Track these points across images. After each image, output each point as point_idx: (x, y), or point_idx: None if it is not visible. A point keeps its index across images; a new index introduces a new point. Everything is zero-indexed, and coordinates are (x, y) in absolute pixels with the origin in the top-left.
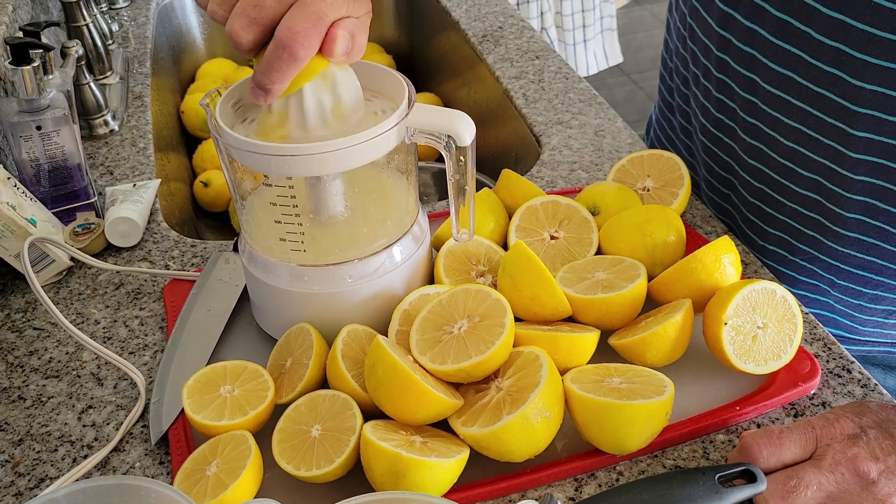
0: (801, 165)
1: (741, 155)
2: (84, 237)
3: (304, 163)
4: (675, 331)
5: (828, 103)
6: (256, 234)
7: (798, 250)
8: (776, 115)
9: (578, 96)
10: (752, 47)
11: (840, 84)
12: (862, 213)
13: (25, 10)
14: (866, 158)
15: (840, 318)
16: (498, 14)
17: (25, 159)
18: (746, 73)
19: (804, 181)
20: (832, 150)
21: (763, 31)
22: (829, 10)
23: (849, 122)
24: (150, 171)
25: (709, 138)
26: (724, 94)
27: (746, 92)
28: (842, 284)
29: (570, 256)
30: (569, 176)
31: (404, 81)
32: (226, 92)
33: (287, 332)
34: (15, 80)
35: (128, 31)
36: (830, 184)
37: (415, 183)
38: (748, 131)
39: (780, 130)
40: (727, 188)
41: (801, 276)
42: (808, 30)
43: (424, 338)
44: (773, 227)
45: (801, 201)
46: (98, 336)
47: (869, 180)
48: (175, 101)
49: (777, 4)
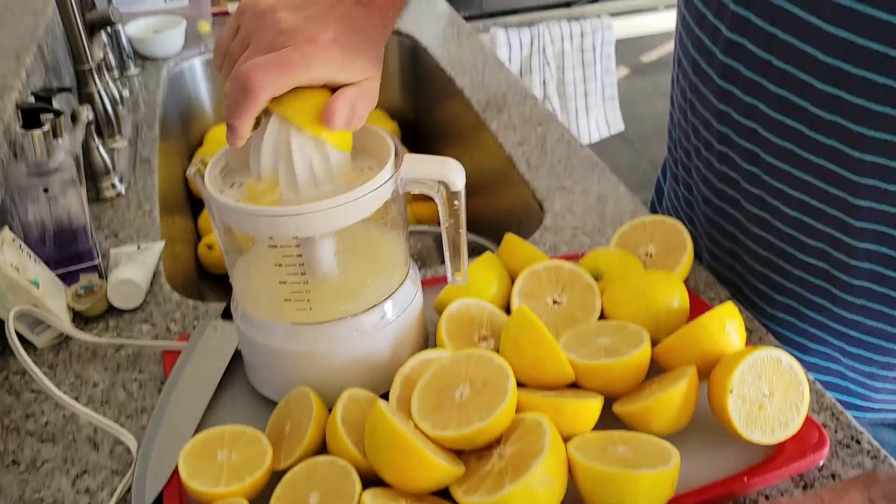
0: (806, 234)
1: (746, 225)
2: (86, 299)
3: (297, 223)
4: (680, 398)
5: (829, 174)
6: (255, 296)
7: (807, 318)
8: (779, 186)
9: (581, 163)
10: (752, 121)
11: (840, 155)
12: (868, 281)
13: (39, 76)
14: (870, 227)
15: (852, 385)
16: (501, 82)
17: (31, 221)
18: (748, 145)
19: (810, 249)
20: (836, 218)
21: (762, 106)
22: (825, 86)
23: (850, 192)
24: (154, 233)
25: (712, 209)
26: (726, 166)
27: (749, 163)
28: (852, 352)
29: (573, 321)
30: (572, 241)
31: (387, 137)
32: (212, 160)
33: (287, 396)
34: (25, 143)
35: (138, 96)
36: (836, 252)
37: (405, 237)
38: (752, 201)
39: (783, 200)
40: (731, 258)
41: (812, 344)
42: (805, 104)
43: (426, 403)
44: (782, 295)
45: (808, 269)
46: (96, 399)
47: (874, 248)
48: (182, 164)
49: (774, 80)
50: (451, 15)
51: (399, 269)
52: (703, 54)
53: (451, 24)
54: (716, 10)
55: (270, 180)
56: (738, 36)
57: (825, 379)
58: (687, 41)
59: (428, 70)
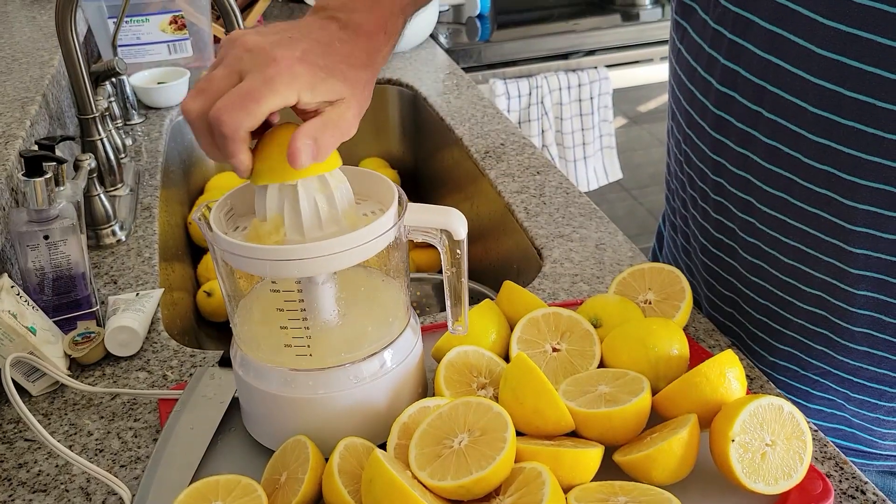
0: (804, 282)
1: (743, 273)
2: (83, 346)
3: (307, 262)
4: (681, 447)
5: (823, 222)
6: (255, 341)
7: (809, 365)
8: (775, 235)
9: (579, 210)
10: (745, 171)
11: (833, 204)
12: (868, 328)
13: (43, 125)
14: (866, 274)
15: (858, 432)
16: (500, 132)
17: (31, 268)
18: (742, 195)
19: (808, 297)
20: (832, 266)
21: (754, 157)
22: (816, 137)
23: (845, 240)
24: (154, 280)
25: (709, 257)
26: (722, 216)
27: (744, 213)
28: (857, 398)
29: (573, 369)
30: (570, 288)
31: (392, 184)
32: (217, 202)
33: (283, 446)
34: (27, 190)
35: (141, 145)
36: (834, 299)
37: (406, 284)
38: (748, 250)
39: (779, 249)
40: (730, 306)
41: (815, 391)
42: (797, 154)
43: (424, 452)
44: (782, 343)
45: (807, 317)
46: (90, 448)
47: (871, 295)
48: (183, 212)
49: (765, 132)
50: (450, 66)
51: (400, 317)
52: (696, 107)
53: (451, 74)
54: (706, 64)
55: (275, 221)
56: (728, 89)
57: (830, 426)
58: (679, 95)
59: (428, 119)
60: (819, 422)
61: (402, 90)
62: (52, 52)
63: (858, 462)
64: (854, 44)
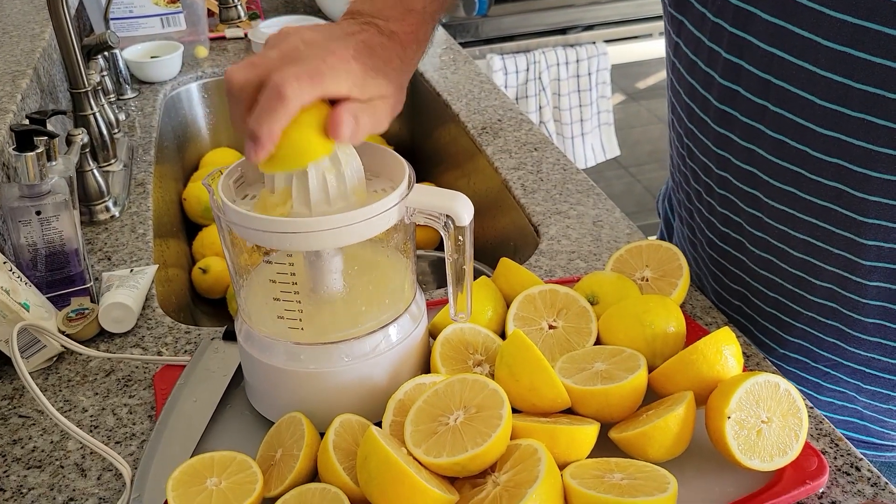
0: (814, 275)
1: (752, 267)
2: (77, 322)
3: (307, 237)
4: (677, 424)
5: (834, 215)
6: (254, 313)
7: (820, 357)
8: (783, 228)
9: (576, 187)
10: (751, 166)
11: (845, 197)
12: (880, 318)
13: (34, 99)
14: (879, 265)
15: (870, 424)
16: (497, 108)
17: (23, 244)
18: (748, 189)
19: (819, 290)
20: (844, 258)
21: (760, 151)
22: (825, 130)
23: (857, 232)
24: (148, 257)
25: (716, 251)
26: (728, 210)
27: (750, 207)
28: (868, 389)
29: (569, 346)
30: (567, 265)
31: (404, 162)
32: (227, 169)
33: (278, 423)
34: (18, 165)
35: (134, 120)
36: (845, 291)
37: (413, 263)
38: (756, 244)
39: (788, 243)
40: (738, 300)
41: (826, 383)
42: (805, 148)
43: (419, 429)
44: (792, 335)
45: (818, 309)
46: (85, 424)
47: (884, 285)
48: (178, 188)
49: (771, 125)
50: (447, 41)
51: (404, 295)
52: (697, 101)
53: (448, 49)
54: (707, 58)
55: (283, 193)
56: (731, 83)
57: (842, 418)
58: (679, 88)
59: (424, 95)
60: (830, 414)
61: None
62: (43, 25)
63: (870, 455)
64: (862, 35)
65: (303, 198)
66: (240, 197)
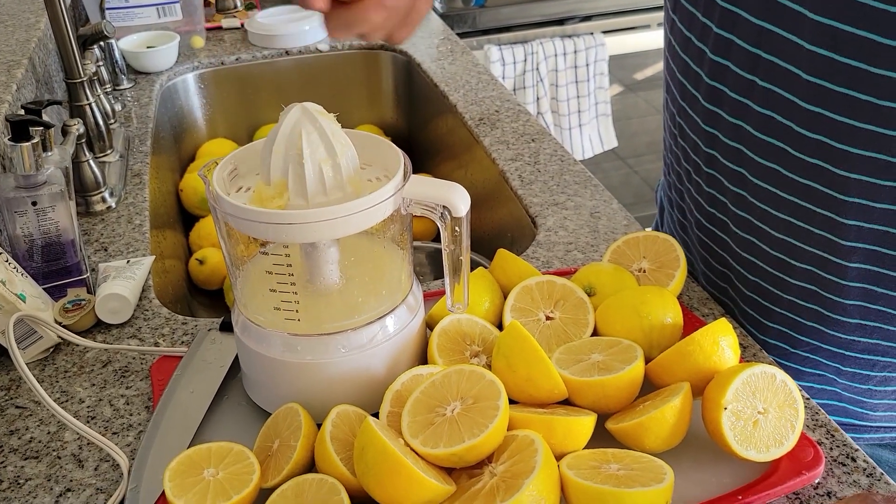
0: (795, 257)
1: (735, 248)
2: (74, 313)
3: (303, 229)
4: (673, 415)
5: (815, 194)
6: (251, 304)
7: (799, 342)
8: (765, 208)
9: (574, 178)
10: (738, 142)
11: (826, 174)
12: (861, 300)
13: (30, 89)
14: (858, 246)
15: (850, 405)
16: (494, 98)
17: (19, 234)
18: (734, 167)
19: (799, 273)
20: (824, 239)
21: (748, 127)
22: (810, 105)
23: (838, 211)
24: (144, 247)
25: (704, 232)
26: (714, 189)
27: (735, 186)
28: (848, 371)
29: (566, 337)
30: (564, 257)
31: (400, 153)
32: (222, 161)
33: (275, 413)
34: (13, 156)
35: (130, 110)
36: (826, 273)
37: (410, 254)
38: (739, 225)
39: (770, 223)
40: (724, 281)
41: (806, 368)
42: (790, 124)
43: (416, 420)
44: (772, 321)
45: (798, 293)
46: (81, 415)
47: (864, 266)
48: (174, 179)
49: (759, 100)
50: (445, 31)
51: (401, 286)
52: (689, 78)
53: (445, 40)
54: (699, 33)
55: (279, 185)
56: (721, 58)
57: (822, 402)
58: (674, 66)
59: (422, 86)
60: (810, 397)
61: (395, 56)
62: (39, 15)
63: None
64: (848, 9)
65: (299, 189)
66: (234, 189)
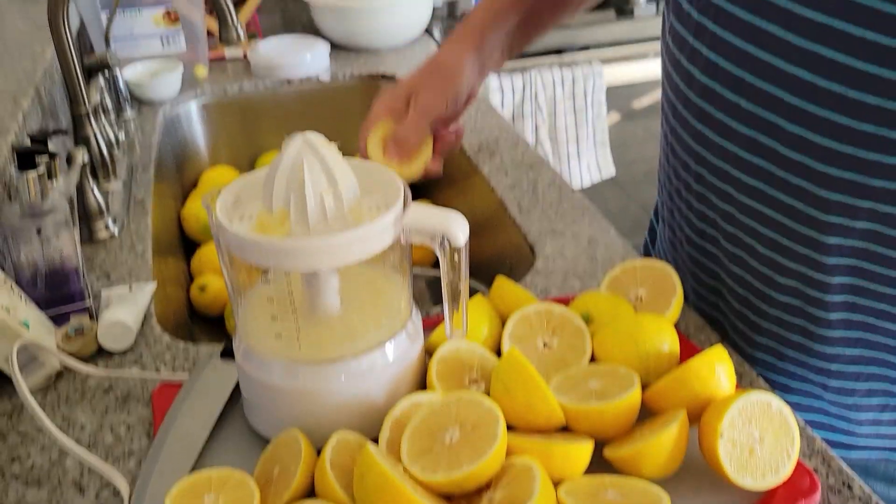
0: (780, 272)
1: (725, 263)
2: (76, 340)
3: (304, 257)
4: (670, 442)
5: (798, 213)
6: (252, 331)
7: (787, 357)
8: (753, 225)
9: (572, 206)
10: (725, 162)
11: (807, 194)
12: (845, 312)
13: (35, 118)
14: (841, 262)
15: (836, 421)
16: (493, 127)
17: (23, 262)
18: (722, 185)
19: (784, 288)
20: (806, 257)
21: (734, 147)
22: (792, 126)
23: (819, 230)
24: (147, 274)
25: (694, 248)
26: (704, 205)
27: (724, 203)
28: (834, 385)
29: (564, 365)
30: (562, 284)
31: (399, 181)
32: (225, 189)
33: (275, 440)
34: (19, 185)
35: (134, 139)
36: (809, 289)
37: (409, 282)
38: (729, 239)
39: (757, 238)
40: (715, 296)
41: (793, 383)
42: (774, 144)
43: (415, 447)
44: (761, 335)
45: (784, 307)
46: (83, 442)
47: (846, 281)
48: (176, 206)
49: (744, 121)
50: None
51: (401, 314)
52: (680, 98)
53: None
54: (689, 55)
55: (281, 214)
56: (709, 80)
57: (808, 417)
58: (667, 86)
59: None
60: (797, 413)
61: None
62: (45, 45)
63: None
64: (827, 34)
65: (301, 218)
66: (237, 217)
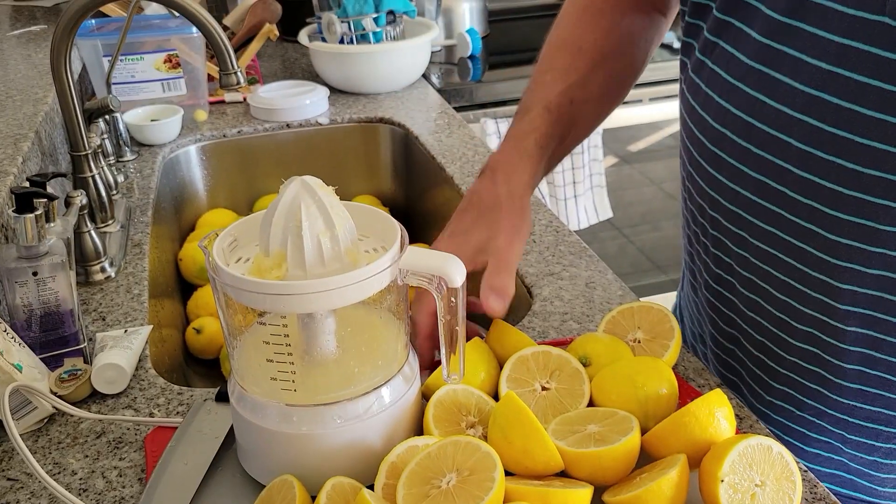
0: (795, 318)
1: (742, 308)
2: (69, 383)
3: (300, 299)
4: (670, 488)
5: (810, 257)
6: (247, 374)
7: (804, 405)
8: (767, 269)
9: (569, 249)
10: (737, 206)
11: (818, 238)
12: (861, 364)
13: (35, 161)
14: (854, 310)
15: (857, 478)
16: None
17: (19, 304)
18: (736, 230)
19: (800, 334)
20: (821, 302)
21: (745, 192)
22: (800, 171)
23: (831, 275)
24: (143, 317)
25: (712, 293)
26: (720, 251)
27: (739, 248)
28: (853, 440)
29: (562, 408)
30: (560, 327)
31: (397, 224)
32: (222, 232)
33: (269, 485)
34: (17, 227)
35: (133, 181)
36: (825, 336)
37: (406, 324)
38: (745, 285)
39: (771, 283)
40: (732, 343)
41: (811, 433)
42: (783, 189)
43: (412, 492)
44: (777, 382)
45: (800, 354)
46: (74, 487)
47: (861, 331)
48: (174, 249)
49: (754, 167)
50: (442, 105)
51: (397, 357)
52: (695, 144)
53: (443, 114)
54: (702, 102)
55: (278, 256)
56: (721, 126)
57: (829, 472)
58: (684, 132)
59: (419, 158)
60: (817, 467)
61: (394, 129)
62: (47, 90)
63: None
64: (833, 81)
65: (297, 260)
66: (233, 259)
